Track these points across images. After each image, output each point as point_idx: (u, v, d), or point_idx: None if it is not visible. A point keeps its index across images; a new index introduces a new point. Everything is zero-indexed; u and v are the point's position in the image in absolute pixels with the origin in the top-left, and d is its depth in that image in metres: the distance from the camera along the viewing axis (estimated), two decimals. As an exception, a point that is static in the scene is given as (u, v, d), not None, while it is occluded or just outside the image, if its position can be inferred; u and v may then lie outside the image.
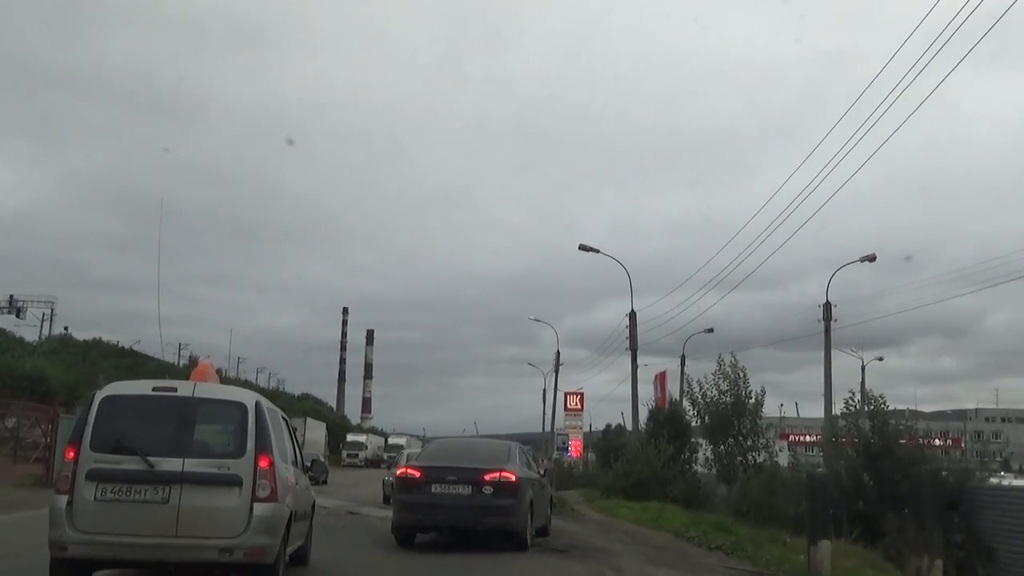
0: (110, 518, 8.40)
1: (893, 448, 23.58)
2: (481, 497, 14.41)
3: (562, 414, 66.10)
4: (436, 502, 14.50)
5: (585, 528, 20.20)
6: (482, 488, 14.45)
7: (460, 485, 14.53)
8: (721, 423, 23.98)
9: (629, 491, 30.93)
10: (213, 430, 9.29)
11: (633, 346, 35.75)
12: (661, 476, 31.10)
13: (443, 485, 14.55)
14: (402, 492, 15.14)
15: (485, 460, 15.24)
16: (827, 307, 34.26)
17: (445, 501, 14.47)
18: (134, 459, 8.56)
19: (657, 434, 33.38)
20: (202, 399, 9.09)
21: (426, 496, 14.58)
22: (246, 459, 8.72)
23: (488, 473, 14.61)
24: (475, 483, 14.47)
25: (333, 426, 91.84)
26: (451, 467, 14.95)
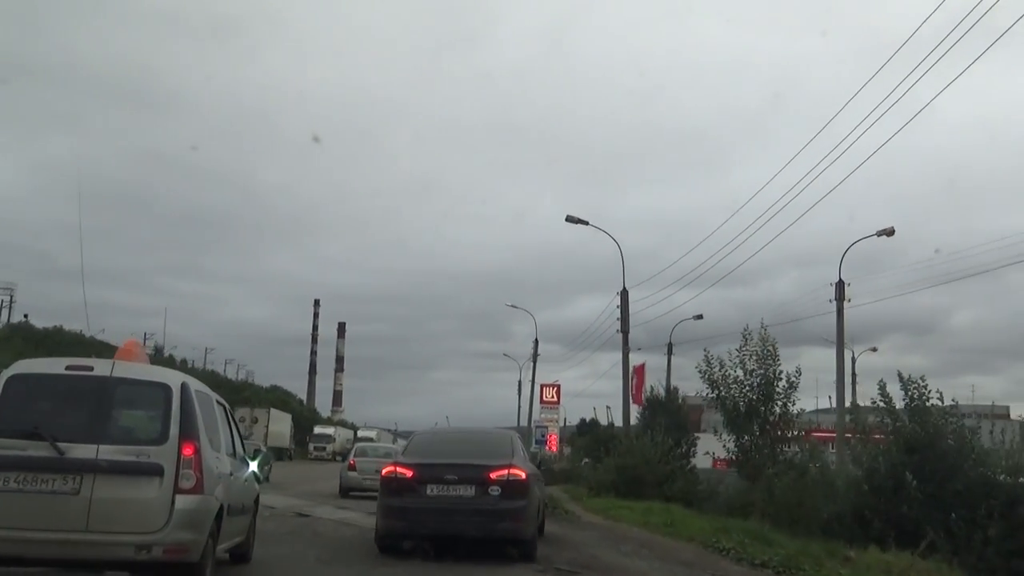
0: (13, 511, 7.49)
1: (937, 444, 19.69)
2: (487, 499, 11.99)
3: (538, 407, 63.59)
4: (433, 506, 11.99)
5: (588, 536, 16.13)
6: (488, 489, 12.04)
7: (462, 485, 12.07)
8: (746, 409, 19.63)
9: (621, 488, 26.98)
10: (133, 414, 8.33)
11: (624, 328, 31.71)
12: (658, 472, 27.13)
13: (441, 486, 12.07)
14: (390, 495, 12.35)
15: (488, 455, 12.72)
16: (840, 286, 30.31)
17: (444, 505, 11.98)
18: (42, 445, 7.65)
19: (652, 425, 29.39)
20: (121, 379, 8.13)
21: (420, 499, 12.05)
22: (168, 446, 7.83)
23: (495, 471, 12.17)
24: (480, 483, 12.05)
25: (301, 418, 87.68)
26: (450, 464, 12.34)
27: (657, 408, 30.38)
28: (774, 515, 18.56)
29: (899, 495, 19.90)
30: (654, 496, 26.16)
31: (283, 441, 67.60)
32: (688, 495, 27.07)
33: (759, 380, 19.31)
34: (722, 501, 26.00)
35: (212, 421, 8.75)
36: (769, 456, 18.98)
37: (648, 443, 27.53)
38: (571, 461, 45.04)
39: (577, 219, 32.10)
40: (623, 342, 31.86)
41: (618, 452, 28.29)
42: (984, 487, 19.60)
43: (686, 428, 30.44)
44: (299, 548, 12.74)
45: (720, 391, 19.59)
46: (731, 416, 19.34)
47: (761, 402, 19.14)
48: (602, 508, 22.24)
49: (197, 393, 8.41)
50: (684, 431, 30.00)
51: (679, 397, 30.82)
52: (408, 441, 14.66)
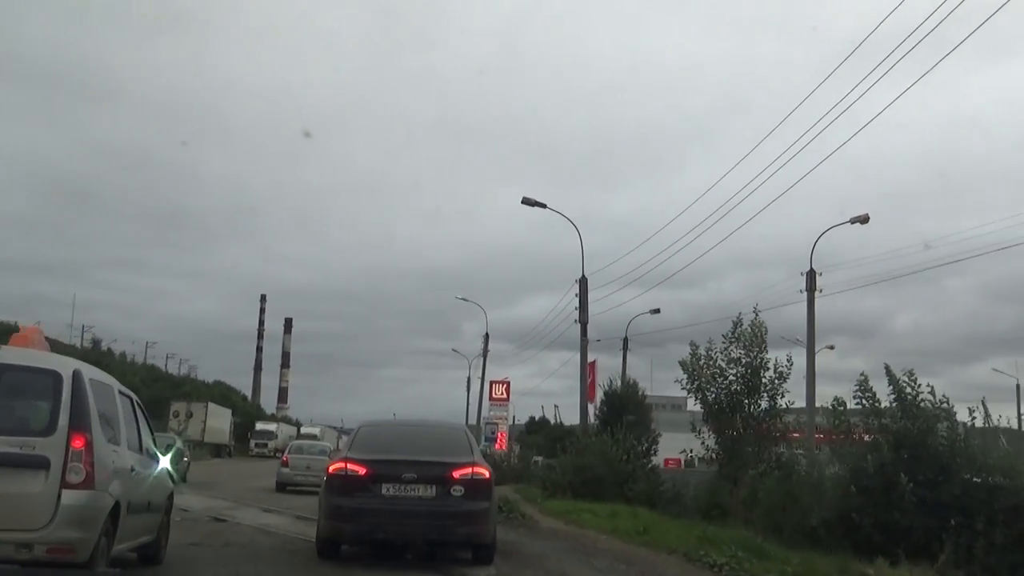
0: None
1: (930, 441, 17.46)
2: (449, 500, 10.90)
3: (488, 404, 61.10)
4: (388, 508, 10.74)
5: (551, 547, 13.63)
6: (450, 489, 10.96)
7: (422, 485, 10.89)
8: (728, 402, 17.06)
9: (579, 488, 24.59)
10: (19, 403, 7.53)
11: (583, 318, 29.30)
12: (619, 471, 24.76)
13: (398, 485, 10.85)
14: (338, 494, 10.96)
15: (447, 451, 11.52)
16: (811, 275, 28.17)
17: (401, 506, 10.77)
18: None
19: (612, 421, 26.99)
20: (8, 366, 7.45)
21: (374, 500, 10.79)
22: (56, 438, 7.11)
23: (458, 469, 11.06)
24: (441, 482, 10.96)
25: (244, 415, 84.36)
26: (409, 461, 11.07)
27: (616, 403, 27.94)
28: (758, 520, 16.26)
29: (890, 497, 17.62)
30: (615, 497, 23.84)
31: (222, 437, 64.34)
32: (652, 497, 24.74)
33: (744, 370, 16.82)
34: (691, 504, 23.76)
35: (111, 412, 8.04)
36: (753, 454, 16.53)
37: (608, 440, 25.15)
38: (521, 459, 42.52)
39: (534, 201, 29.71)
40: (581, 333, 29.48)
41: (575, 450, 25.88)
42: (985, 491, 17.38)
43: (647, 425, 28.07)
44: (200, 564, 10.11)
45: (700, 382, 17.05)
46: (711, 409, 16.85)
47: (744, 394, 16.69)
48: (561, 511, 19.77)
49: (92, 382, 7.70)
50: (645, 428, 27.62)
51: (640, 392, 28.40)
52: (354, 434, 12.73)
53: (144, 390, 73.82)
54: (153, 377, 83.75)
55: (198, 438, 57.65)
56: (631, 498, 24.15)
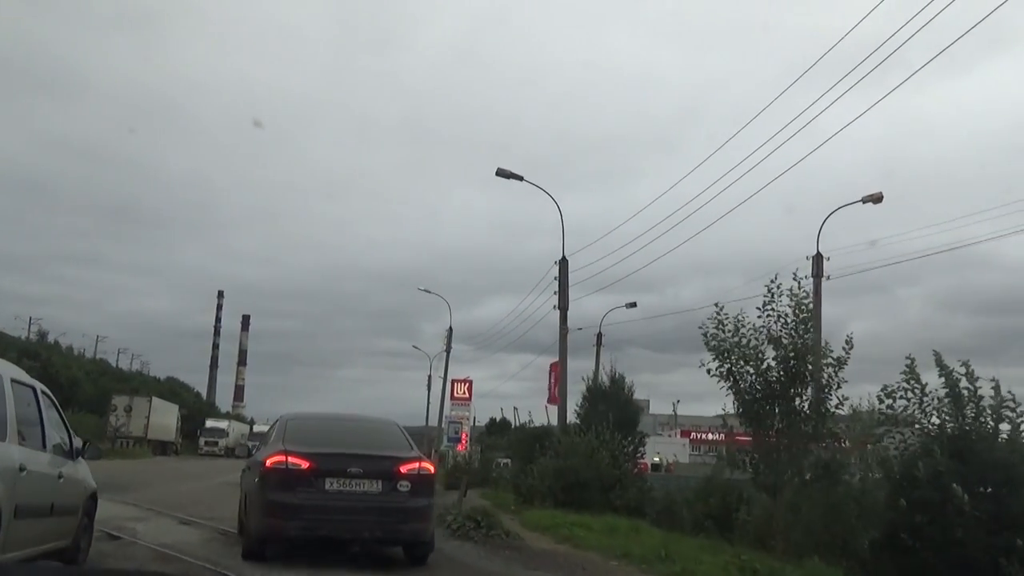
0: None
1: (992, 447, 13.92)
2: (396, 496, 10.18)
3: (449, 403, 57.30)
4: (332, 503, 9.92)
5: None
6: (397, 484, 10.22)
7: (368, 480, 10.14)
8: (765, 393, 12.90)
9: (560, 495, 21.02)
10: None
11: (563, 303, 25.64)
12: (606, 476, 21.16)
13: (343, 480, 10.05)
14: (277, 489, 9.97)
15: (389, 446, 10.86)
16: (817, 259, 24.74)
17: (345, 502, 9.96)
18: None
19: (594, 419, 23.33)
20: None
21: (317, 495, 9.91)
22: None
23: (405, 464, 10.41)
24: (388, 477, 10.21)
25: (196, 412, 79.65)
26: (355, 455, 10.30)
27: (599, 399, 24.23)
28: (798, 539, 12.65)
29: (945, 512, 14.04)
30: (600, 506, 20.33)
31: (167, 434, 59.79)
32: (641, 505, 21.21)
33: (789, 351, 12.96)
34: (687, 515, 20.25)
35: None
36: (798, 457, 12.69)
37: (594, 440, 21.50)
38: (483, 462, 38.72)
39: (509, 173, 26.02)
40: (561, 320, 25.81)
41: (555, 452, 22.16)
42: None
43: (635, 424, 24.41)
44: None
45: (732, 363, 13.17)
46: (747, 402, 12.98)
47: (788, 384, 12.80)
48: (547, 524, 16.10)
49: None
50: (632, 427, 23.96)
51: (626, 386, 24.73)
52: (280, 426, 11.45)
53: (88, 384, 70.04)
54: (100, 371, 78.98)
55: (140, 434, 53.28)
56: (618, 507, 20.65)
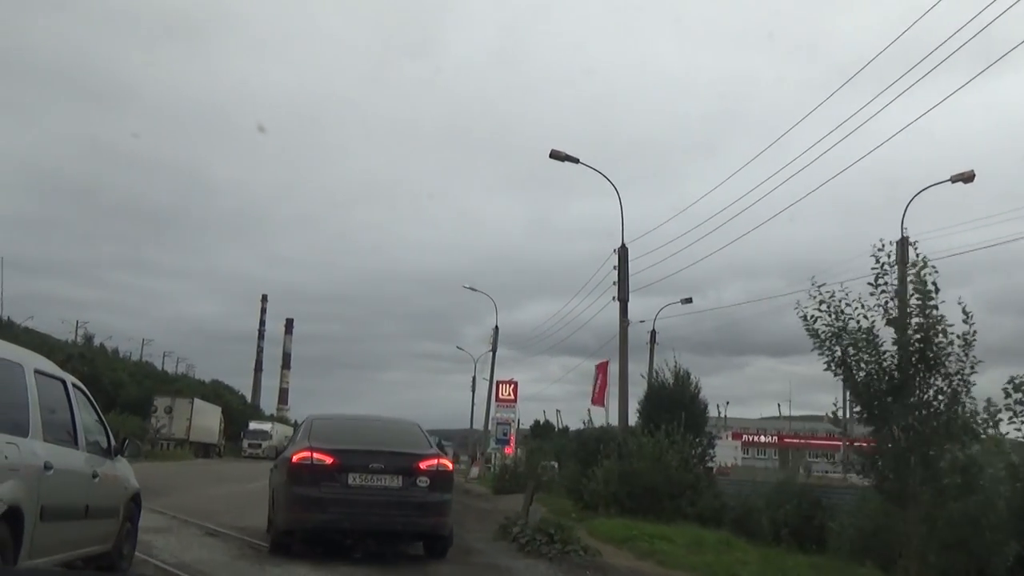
0: None
1: None
2: (415, 491, 10.54)
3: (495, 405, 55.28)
4: (355, 497, 10.25)
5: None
6: (416, 480, 10.58)
7: (388, 475, 10.46)
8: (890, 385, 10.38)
9: (626, 502, 18.91)
10: None
11: (623, 294, 23.48)
12: (678, 481, 19.02)
13: (365, 475, 10.38)
14: (303, 484, 10.28)
15: (409, 444, 11.17)
16: (903, 244, 22.28)
17: (368, 496, 10.29)
18: None
19: (655, 419, 21.17)
20: None
21: (341, 489, 10.24)
22: None
23: (425, 460, 10.76)
24: (408, 473, 10.56)
25: (240, 414, 78.36)
26: (377, 452, 10.58)
27: (663, 398, 22.02)
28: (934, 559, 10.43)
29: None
30: (671, 514, 18.24)
31: (210, 436, 58.35)
32: (718, 514, 18.96)
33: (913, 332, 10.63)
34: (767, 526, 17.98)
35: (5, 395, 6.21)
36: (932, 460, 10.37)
37: (664, 442, 19.35)
38: (528, 465, 36.51)
39: (564, 155, 23.96)
40: (621, 313, 23.64)
41: (621, 454, 20.02)
42: None
43: (702, 424, 22.17)
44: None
45: (843, 352, 10.89)
46: (866, 396, 10.68)
47: (915, 373, 10.48)
48: (620, 536, 14.03)
49: None
50: (700, 428, 21.75)
51: (693, 384, 22.49)
52: (306, 425, 11.90)
53: (133, 386, 69.09)
54: (144, 373, 78.04)
55: (182, 436, 51.87)
56: (689, 515, 18.54)
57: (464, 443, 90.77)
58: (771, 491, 19.42)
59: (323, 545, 10.43)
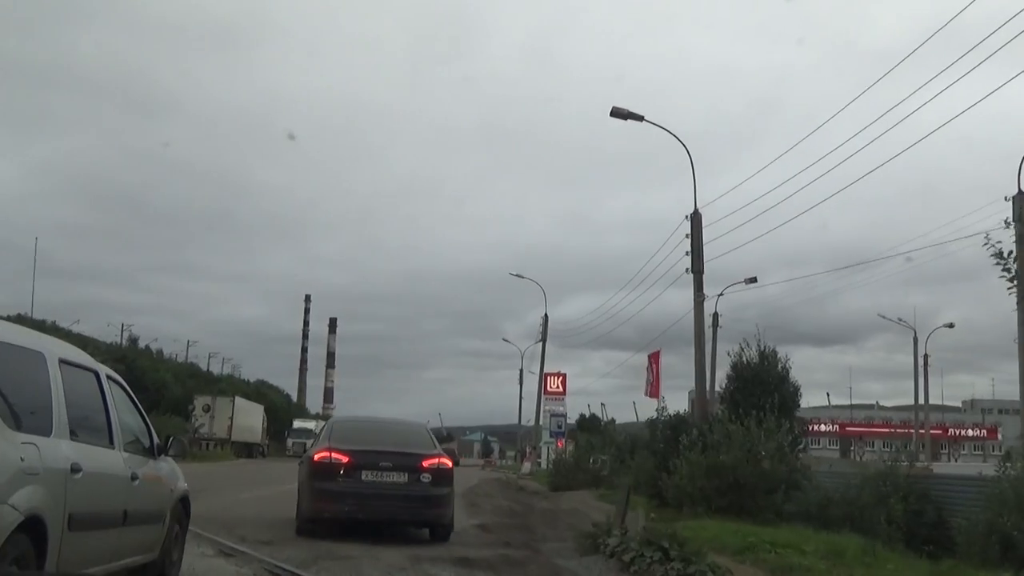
0: None
1: None
2: (419, 486, 11.93)
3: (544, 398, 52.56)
4: (367, 491, 11.64)
5: None
6: (420, 476, 11.97)
7: (396, 472, 11.88)
8: None
9: (715, 500, 16.15)
10: None
11: (697, 265, 20.58)
12: (773, 475, 16.14)
13: (376, 472, 11.77)
14: (322, 479, 11.73)
15: (415, 444, 12.65)
16: (1020, 199, 19.29)
17: (378, 490, 11.70)
18: None
19: (741, 403, 18.30)
20: None
21: (355, 484, 11.63)
22: None
23: (427, 459, 12.17)
24: (412, 470, 11.95)
25: (286, 414, 76.42)
26: (385, 451, 12.03)
27: (748, 379, 19.09)
28: None
29: None
30: (766, 512, 15.51)
31: (253, 436, 56.11)
32: (823, 512, 15.97)
33: None
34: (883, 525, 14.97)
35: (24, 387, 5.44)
36: None
37: (755, 429, 16.46)
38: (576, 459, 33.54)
39: (628, 113, 21.18)
40: (695, 286, 20.71)
41: (706, 445, 17.13)
42: None
43: (792, 409, 19.20)
44: None
45: None
46: None
47: None
48: (734, 544, 11.18)
49: None
50: (790, 412, 18.81)
51: (781, 364, 19.51)
52: (328, 427, 13.90)
53: (176, 387, 67.32)
54: (188, 374, 76.46)
55: (224, 436, 49.70)
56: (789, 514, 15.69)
57: (513, 439, 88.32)
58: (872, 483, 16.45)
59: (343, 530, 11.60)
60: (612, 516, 12.07)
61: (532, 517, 17.40)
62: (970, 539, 12.62)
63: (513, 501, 23.09)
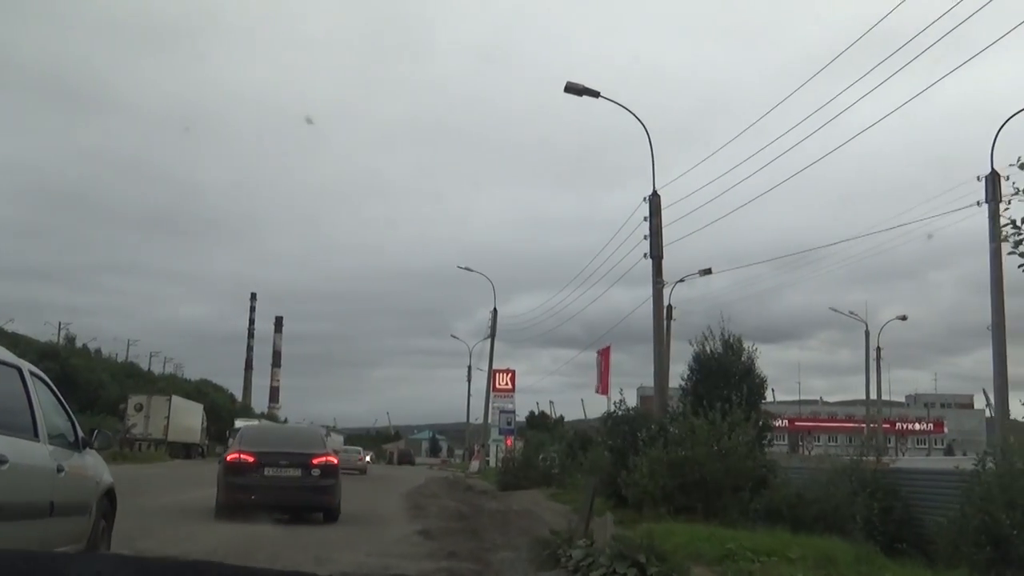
0: None
1: None
2: (311, 479, 14.57)
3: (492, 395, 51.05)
4: (269, 483, 14.31)
5: None
6: (311, 471, 14.58)
7: (291, 468, 14.54)
8: None
9: (678, 498, 14.81)
10: None
11: (655, 250, 19.21)
12: (740, 471, 14.83)
13: (276, 468, 14.49)
14: (233, 475, 14.47)
15: (309, 445, 15.46)
16: (993, 178, 18.18)
17: (278, 483, 14.38)
18: None
19: (703, 396, 16.97)
20: None
21: (259, 478, 14.32)
22: None
23: (317, 457, 14.82)
24: (304, 466, 14.60)
25: (229, 413, 73.76)
26: (283, 452, 14.87)
27: (714, 372, 17.75)
28: None
29: None
30: (733, 512, 14.21)
31: (192, 436, 53.62)
32: (795, 512, 14.62)
33: None
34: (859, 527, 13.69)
35: None
36: None
37: (720, 423, 15.13)
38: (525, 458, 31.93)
39: (582, 88, 19.69)
40: (654, 272, 19.34)
41: (668, 440, 15.74)
42: None
43: (758, 402, 17.89)
44: None
45: None
46: None
47: None
48: (711, 552, 9.75)
49: None
50: (756, 406, 17.50)
51: (747, 352, 18.18)
52: (239, 434, 16.90)
53: (114, 387, 64.52)
54: (126, 374, 73.52)
55: (160, 436, 47.27)
56: (758, 513, 14.37)
57: (461, 437, 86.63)
58: (844, 479, 15.18)
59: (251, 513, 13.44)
60: (574, 522, 10.52)
61: (481, 520, 15.85)
62: (955, 539, 11.40)
63: (461, 502, 21.57)
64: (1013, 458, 11.44)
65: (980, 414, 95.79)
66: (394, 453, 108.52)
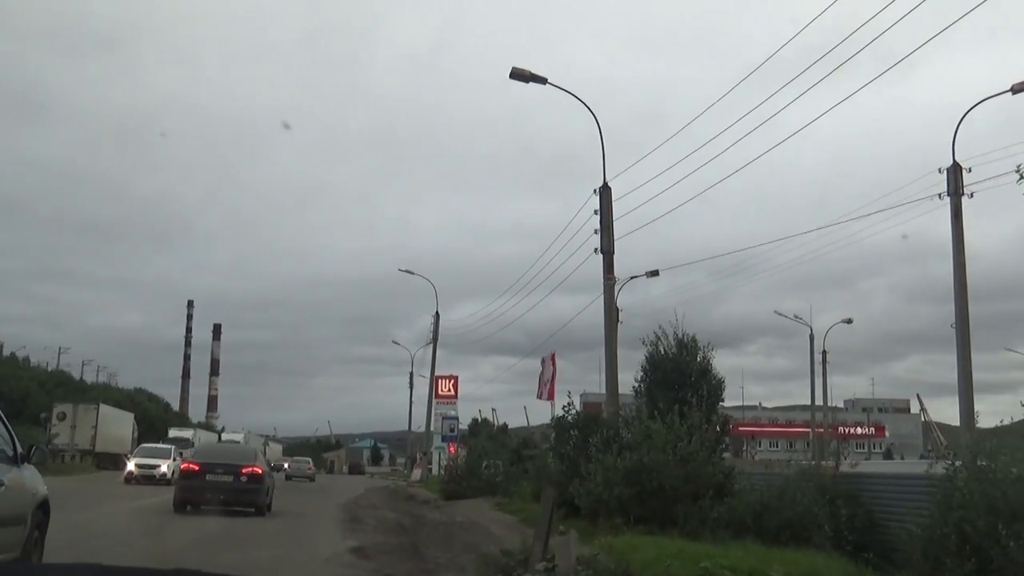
0: None
1: None
2: (239, 483, 18.81)
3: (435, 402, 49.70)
4: (210, 486, 18.71)
5: None
6: (240, 477, 18.87)
7: (226, 475, 18.84)
8: None
9: (634, 507, 13.70)
10: None
11: (606, 245, 18.13)
12: (699, 477, 13.77)
13: (215, 475, 18.85)
14: (186, 478, 19.38)
15: (242, 458, 19.98)
16: (955, 171, 17.44)
17: (216, 485, 18.68)
18: None
19: (657, 398, 15.91)
20: None
21: (203, 482, 18.80)
22: None
23: (245, 467, 19.20)
24: (236, 474, 18.91)
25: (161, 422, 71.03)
26: (220, 463, 19.40)
27: (670, 372, 16.66)
28: None
29: None
30: (691, 521, 13.18)
31: (122, 446, 51.07)
32: (759, 520, 13.55)
33: None
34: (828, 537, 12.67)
35: None
36: None
37: (678, 426, 14.05)
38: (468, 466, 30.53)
39: (530, 75, 18.59)
40: (605, 268, 18.25)
41: (623, 446, 14.60)
42: None
43: (715, 404, 16.86)
44: None
45: None
46: None
47: None
48: (687, 572, 8.58)
49: None
50: (714, 408, 16.47)
51: (703, 352, 17.14)
52: (195, 449, 24.94)
53: (43, 396, 61.52)
54: (56, 383, 70.35)
55: (87, 447, 44.94)
56: (718, 522, 13.30)
57: (403, 445, 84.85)
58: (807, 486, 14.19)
59: None
60: (529, 539, 9.27)
61: (422, 534, 14.55)
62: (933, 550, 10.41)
63: (401, 513, 20.24)
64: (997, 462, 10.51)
65: (916, 418, 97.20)
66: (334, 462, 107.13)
